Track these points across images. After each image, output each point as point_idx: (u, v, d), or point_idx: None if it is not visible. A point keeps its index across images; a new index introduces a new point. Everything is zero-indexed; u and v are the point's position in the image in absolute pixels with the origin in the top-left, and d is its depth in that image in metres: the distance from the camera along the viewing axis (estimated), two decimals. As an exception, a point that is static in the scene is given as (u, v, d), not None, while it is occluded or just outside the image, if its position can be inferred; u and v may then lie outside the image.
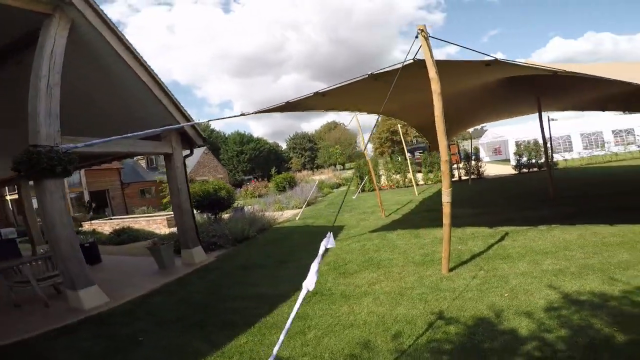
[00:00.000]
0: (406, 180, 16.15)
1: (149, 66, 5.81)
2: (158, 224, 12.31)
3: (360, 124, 10.16)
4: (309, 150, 49.38)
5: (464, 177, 15.75)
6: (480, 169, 15.47)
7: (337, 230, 8.22)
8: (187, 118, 6.98)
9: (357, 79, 4.26)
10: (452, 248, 5.57)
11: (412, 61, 3.84)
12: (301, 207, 13.51)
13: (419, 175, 16.48)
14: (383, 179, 16.75)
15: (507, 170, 16.95)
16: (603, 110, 10.56)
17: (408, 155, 15.23)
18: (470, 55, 3.78)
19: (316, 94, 4.64)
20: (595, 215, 6.26)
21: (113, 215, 18.38)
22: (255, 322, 3.63)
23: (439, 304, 3.60)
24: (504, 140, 20.56)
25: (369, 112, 8.83)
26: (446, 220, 4.29)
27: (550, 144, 13.71)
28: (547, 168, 9.15)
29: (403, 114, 10.07)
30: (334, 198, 15.93)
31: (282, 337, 2.28)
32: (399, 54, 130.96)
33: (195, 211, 8.56)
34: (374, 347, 2.91)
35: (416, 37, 3.65)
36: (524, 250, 5.03)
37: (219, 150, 43.10)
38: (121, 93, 6.08)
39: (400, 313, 3.48)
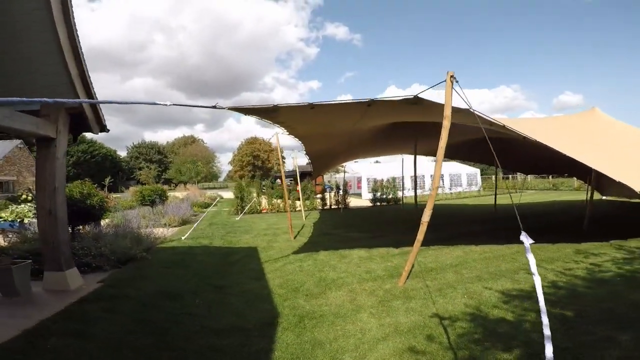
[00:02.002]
0: (286, 205, 16.51)
1: (74, 18, 4.11)
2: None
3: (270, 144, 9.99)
4: (157, 163, 42.98)
5: (333, 206, 17.49)
6: (347, 200, 17.60)
7: (253, 252, 7.61)
8: (93, 97, 5.17)
9: (357, 100, 4.41)
10: (385, 265, 6.22)
11: (411, 97, 4.32)
12: (176, 226, 11.70)
13: (298, 202, 17.21)
14: (264, 203, 16.59)
15: (363, 202, 19.97)
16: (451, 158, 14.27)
17: (287, 181, 15.74)
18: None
19: (309, 104, 4.46)
20: (461, 238, 8.31)
21: None
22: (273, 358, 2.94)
23: (428, 310, 3.99)
24: (358, 177, 24.26)
25: (290, 134, 8.88)
26: (420, 236, 4.78)
27: (402, 182, 17.23)
28: (414, 201, 11.47)
29: (310, 140, 10.54)
30: (211, 218, 14.50)
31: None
32: (270, 80, 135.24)
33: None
34: (421, 350, 2.99)
35: (454, 80, 4.09)
36: (439, 264, 6.13)
37: (33, 146, 31.71)
38: (12, 48, 4.00)
39: (407, 321, 3.66)
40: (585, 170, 13.84)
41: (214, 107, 4.07)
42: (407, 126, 9.80)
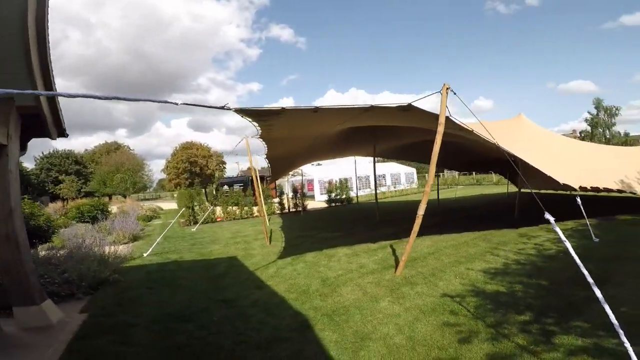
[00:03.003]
0: (243, 212, 16.10)
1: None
2: None
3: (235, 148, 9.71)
4: (75, 174, 37.44)
5: (291, 209, 17.57)
6: (305, 203, 17.84)
7: (235, 262, 7.40)
8: (54, 89, 4.54)
9: (359, 106, 4.73)
10: (373, 259, 6.63)
11: (405, 104, 4.78)
12: (126, 243, 10.62)
13: (255, 208, 16.88)
14: (219, 211, 15.89)
15: (318, 204, 20.38)
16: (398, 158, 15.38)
17: (236, 187, 15.43)
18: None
19: (314, 108, 4.63)
20: (422, 230, 8.93)
21: None
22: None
23: (435, 291, 4.54)
24: (310, 179, 24.63)
25: (260, 137, 8.80)
26: (416, 227, 5.27)
27: (356, 182, 18.07)
28: (375, 199, 12.22)
29: (276, 144, 10.49)
30: (164, 231, 13.44)
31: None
32: (205, 81, 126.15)
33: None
34: (454, 322, 3.51)
35: (452, 91, 4.62)
36: (418, 253, 6.78)
37: None
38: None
39: (425, 302, 4.15)
40: (506, 167, 16.21)
41: (223, 107, 3.95)
42: (366, 130, 10.42)
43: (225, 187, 21.84)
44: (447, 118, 5.37)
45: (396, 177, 26.71)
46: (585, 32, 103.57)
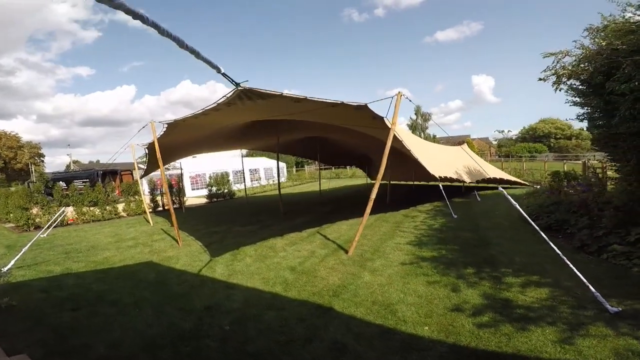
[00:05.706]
0: (105, 212, 13.18)
1: None
2: None
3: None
4: None
5: (166, 207, 15.57)
6: (183, 199, 16.14)
7: (161, 267, 6.48)
8: None
9: (331, 101, 5.23)
10: (316, 244, 7.24)
11: (363, 104, 5.61)
12: None
13: (120, 206, 14.10)
14: (70, 212, 12.42)
15: (196, 200, 18.70)
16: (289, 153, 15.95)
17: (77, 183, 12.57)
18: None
19: (296, 98, 4.86)
20: (329, 217, 10.33)
21: None
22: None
23: (391, 262, 5.67)
24: (179, 174, 22.00)
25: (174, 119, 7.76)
26: (368, 210, 6.17)
27: (244, 176, 17.74)
28: (279, 193, 12.63)
29: (182, 129, 9.20)
30: (5, 241, 9.59)
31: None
32: (11, 62, 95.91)
33: None
34: (434, 280, 4.56)
35: (406, 97, 5.58)
36: (348, 236, 7.77)
37: None
38: None
39: (396, 271, 5.20)
40: (365, 161, 19.47)
41: (237, 85, 3.79)
42: (272, 122, 10.67)
43: (62, 183, 17.05)
44: (383, 120, 6.49)
45: (270, 171, 27.48)
46: (410, 44, 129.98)
